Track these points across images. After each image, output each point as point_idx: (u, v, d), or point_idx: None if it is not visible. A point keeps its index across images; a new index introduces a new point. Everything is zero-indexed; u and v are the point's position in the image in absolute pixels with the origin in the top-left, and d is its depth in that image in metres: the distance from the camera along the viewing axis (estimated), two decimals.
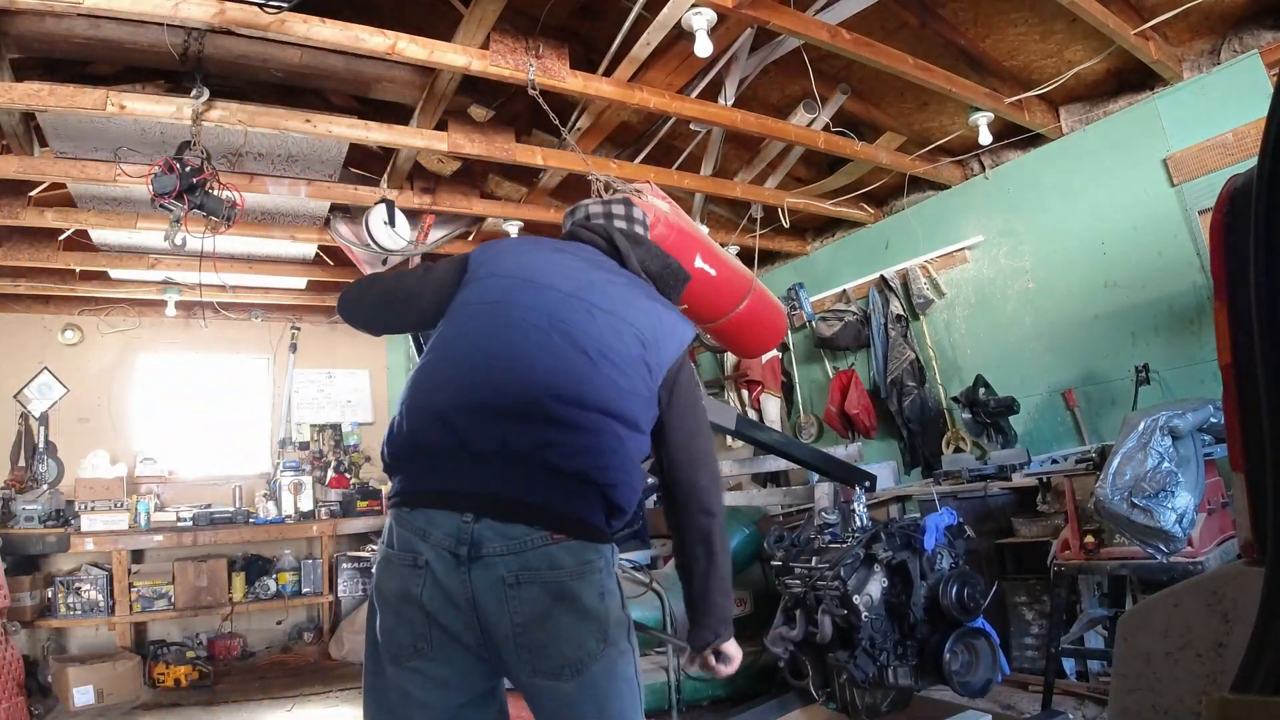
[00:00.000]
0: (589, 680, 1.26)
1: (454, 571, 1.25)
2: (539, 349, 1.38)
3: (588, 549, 1.29)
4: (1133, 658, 1.08)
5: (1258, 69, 3.30)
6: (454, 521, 1.26)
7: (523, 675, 1.27)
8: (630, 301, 1.50)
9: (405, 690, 1.29)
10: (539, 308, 1.43)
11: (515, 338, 1.39)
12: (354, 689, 4.41)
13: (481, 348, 1.40)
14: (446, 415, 1.32)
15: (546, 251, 1.59)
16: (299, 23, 2.66)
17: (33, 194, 4.06)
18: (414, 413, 1.37)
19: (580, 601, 1.27)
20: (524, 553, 1.25)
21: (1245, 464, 0.95)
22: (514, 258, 1.55)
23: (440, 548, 1.25)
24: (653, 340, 1.45)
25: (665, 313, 1.53)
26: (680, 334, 1.52)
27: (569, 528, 1.28)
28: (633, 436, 1.38)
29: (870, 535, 2.78)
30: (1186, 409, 2.46)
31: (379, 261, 4.72)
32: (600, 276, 1.53)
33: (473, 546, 1.24)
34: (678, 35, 3.07)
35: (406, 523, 1.30)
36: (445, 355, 1.43)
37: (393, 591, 1.29)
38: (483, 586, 1.24)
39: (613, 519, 1.36)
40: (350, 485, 6.07)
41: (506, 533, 1.25)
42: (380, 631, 1.32)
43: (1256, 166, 0.79)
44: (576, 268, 1.53)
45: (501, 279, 1.50)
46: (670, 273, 1.68)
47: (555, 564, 1.26)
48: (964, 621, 2.70)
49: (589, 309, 1.44)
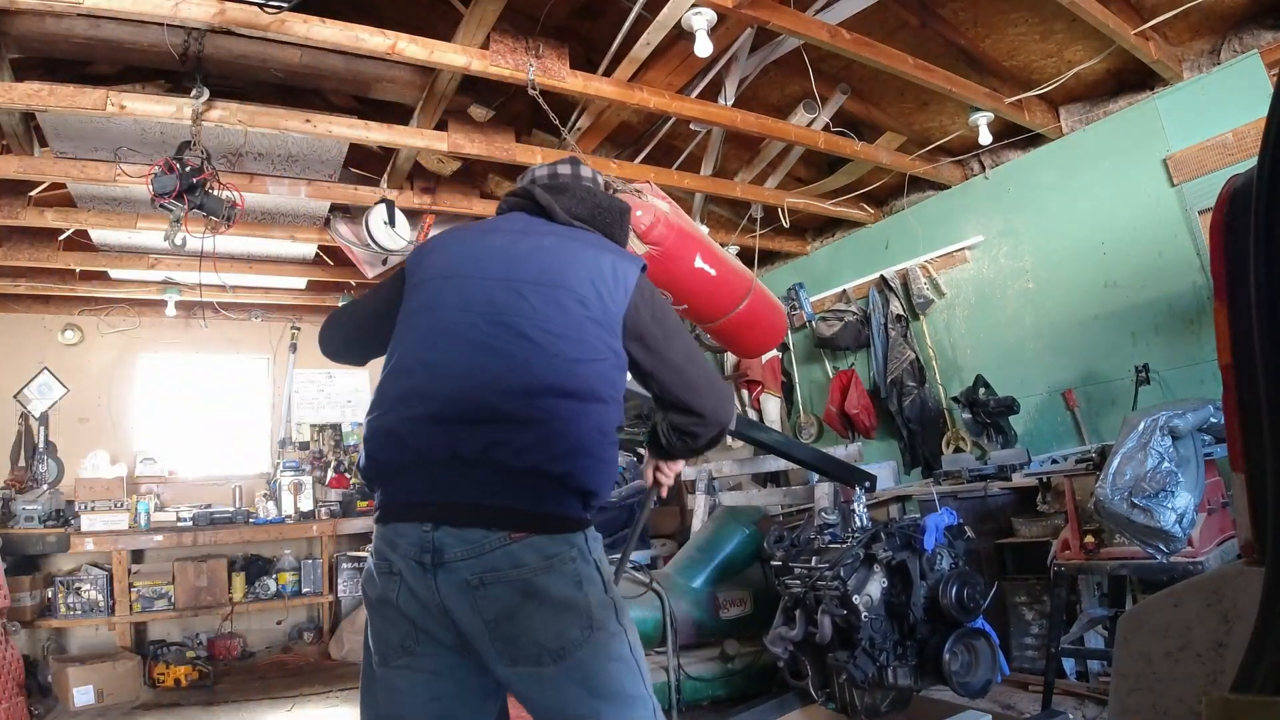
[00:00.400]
0: (574, 664, 1.27)
1: (422, 578, 1.29)
2: (478, 347, 1.38)
3: (554, 542, 1.30)
4: (1133, 658, 1.08)
5: (1258, 69, 3.30)
6: (416, 532, 1.29)
7: (501, 667, 1.29)
8: (563, 262, 1.45)
9: (395, 687, 1.33)
10: (472, 304, 1.42)
11: (453, 342, 1.40)
12: (354, 689, 4.40)
13: (422, 358, 1.41)
14: (397, 432, 1.36)
15: (474, 238, 1.57)
16: (299, 23, 2.66)
17: (33, 194, 4.07)
18: (371, 434, 1.40)
19: (551, 595, 1.27)
20: (483, 555, 1.27)
21: (1245, 464, 0.95)
22: (442, 255, 1.54)
23: (408, 557, 1.30)
24: (594, 295, 1.42)
25: (602, 257, 1.47)
26: (623, 275, 1.46)
27: (529, 524, 1.29)
28: (595, 410, 1.37)
29: (870, 535, 2.78)
30: (1186, 409, 2.46)
31: (379, 261, 4.72)
32: (527, 245, 1.49)
33: (435, 554, 1.27)
34: (678, 35, 3.07)
35: (381, 535, 1.36)
36: (391, 373, 1.45)
37: (375, 597, 1.35)
38: (449, 590, 1.27)
39: (589, 500, 1.36)
40: (350, 485, 6.06)
41: (465, 537, 1.27)
42: (371, 635, 1.38)
43: (1256, 166, 0.79)
44: (502, 245, 1.50)
45: (432, 282, 1.49)
46: (602, 211, 1.61)
47: (518, 562, 1.27)
48: (964, 622, 2.70)
49: (520, 288, 1.42)
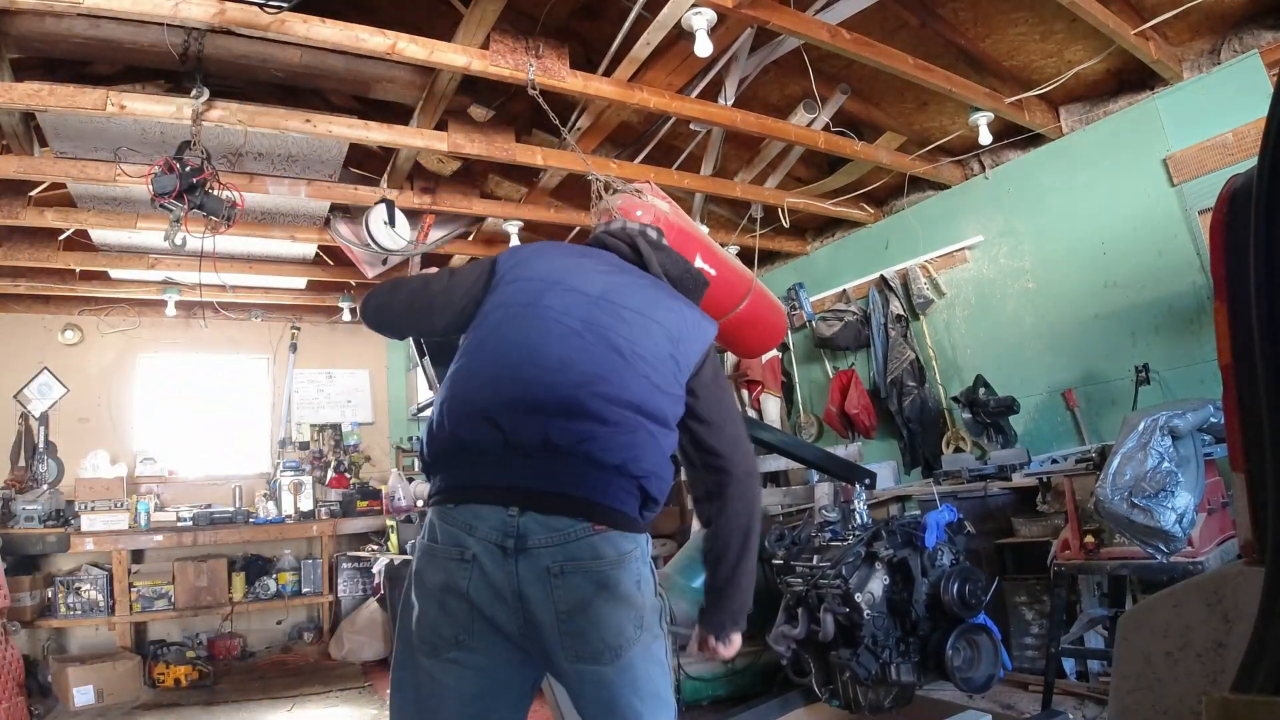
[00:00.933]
0: (627, 663, 1.31)
1: (501, 564, 1.29)
2: (574, 348, 1.42)
3: (626, 539, 1.34)
4: (1133, 658, 1.08)
5: (1258, 69, 3.30)
6: (499, 515, 1.30)
7: (564, 661, 1.30)
8: (656, 302, 1.55)
9: (440, 681, 1.31)
10: (572, 309, 1.47)
11: (551, 338, 1.44)
12: (354, 689, 4.42)
13: (519, 348, 1.44)
14: (489, 412, 1.36)
15: (573, 257, 1.64)
16: (299, 23, 2.66)
17: (33, 194, 4.07)
18: (456, 411, 1.40)
19: (620, 589, 1.31)
20: (568, 544, 1.29)
21: (1245, 464, 0.95)
22: (543, 262, 1.60)
23: (487, 541, 1.29)
24: (679, 337, 1.51)
25: (689, 311, 1.58)
26: (704, 331, 1.57)
27: (609, 519, 1.33)
28: (663, 432, 1.43)
29: (871, 533, 2.78)
30: (1186, 409, 2.46)
31: (379, 261, 4.73)
32: (625, 280, 1.58)
33: (519, 539, 1.29)
34: (678, 35, 3.07)
35: (451, 518, 1.33)
36: (483, 356, 1.46)
37: (437, 584, 1.32)
38: (528, 577, 1.28)
39: (646, 510, 1.41)
40: (350, 485, 6.07)
41: (551, 525, 1.30)
42: (418, 624, 1.33)
43: (1256, 166, 0.79)
44: (602, 271, 1.59)
45: (533, 282, 1.54)
46: (690, 277, 1.76)
47: (598, 554, 1.30)
48: (966, 618, 2.70)
49: (618, 309, 1.49)
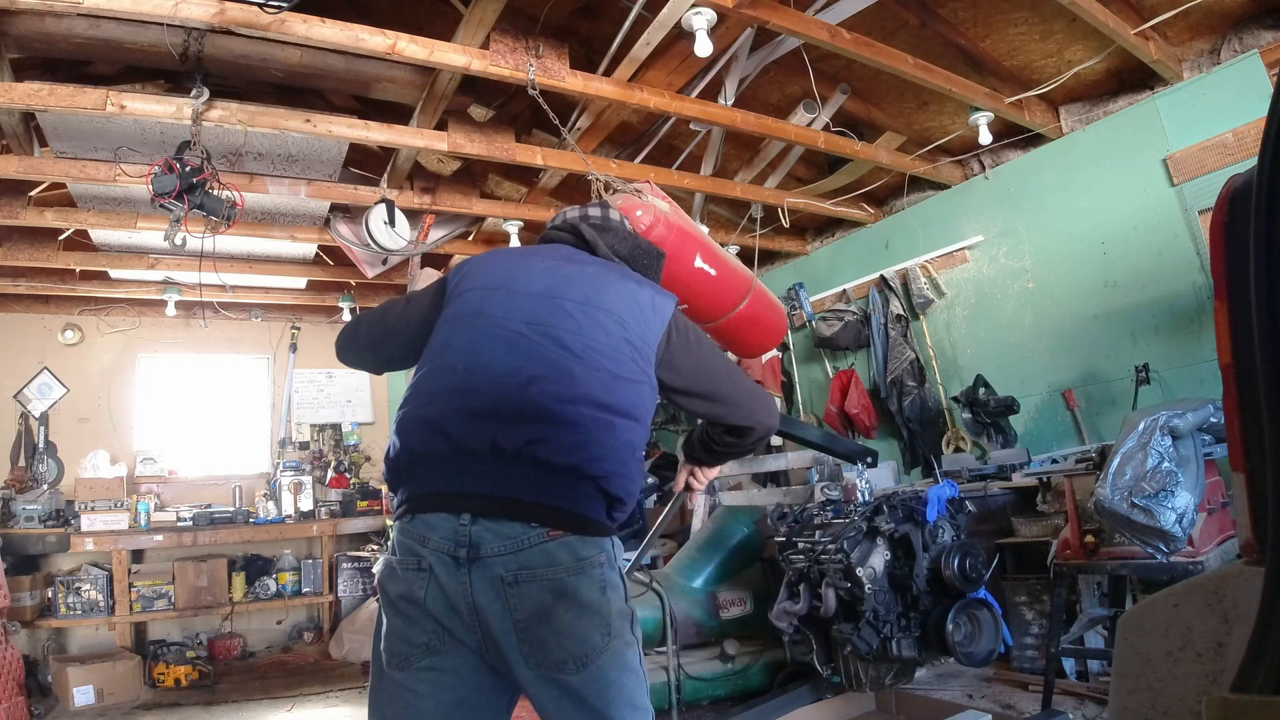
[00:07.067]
0: (595, 672, 1.28)
1: (454, 574, 1.27)
2: (521, 351, 1.41)
3: (586, 544, 1.31)
4: (1133, 658, 1.08)
5: (1258, 69, 3.30)
6: (451, 524, 1.28)
7: (525, 670, 1.27)
8: (604, 288, 1.52)
9: (415, 690, 1.30)
10: (514, 313, 1.46)
11: (496, 344, 1.43)
12: (354, 689, 4.42)
13: (467, 358, 1.43)
14: (439, 424, 1.36)
15: (516, 259, 1.63)
16: (299, 23, 2.66)
17: (33, 194, 4.07)
18: (408, 426, 1.40)
19: (579, 597, 1.28)
20: (520, 551, 1.26)
21: (1245, 464, 0.95)
22: (485, 270, 1.59)
23: (440, 551, 1.28)
24: (632, 320, 1.48)
25: (642, 291, 1.55)
26: (660, 307, 1.54)
27: (566, 523, 1.30)
28: (627, 426, 1.40)
29: (873, 508, 2.78)
30: (1186, 409, 2.46)
31: (379, 261, 4.73)
32: (571, 270, 1.56)
33: (471, 548, 1.26)
34: (678, 35, 3.06)
35: (408, 531, 1.33)
36: (432, 370, 1.46)
37: (398, 594, 1.32)
38: (482, 587, 1.26)
39: (613, 511, 1.38)
40: (350, 485, 6.07)
41: (502, 532, 1.27)
42: (386, 639, 1.33)
43: (1256, 166, 0.78)
44: (547, 267, 1.57)
45: (475, 291, 1.53)
46: (641, 252, 1.73)
47: (553, 561, 1.27)
48: (966, 592, 2.70)
49: (564, 305, 1.47)
